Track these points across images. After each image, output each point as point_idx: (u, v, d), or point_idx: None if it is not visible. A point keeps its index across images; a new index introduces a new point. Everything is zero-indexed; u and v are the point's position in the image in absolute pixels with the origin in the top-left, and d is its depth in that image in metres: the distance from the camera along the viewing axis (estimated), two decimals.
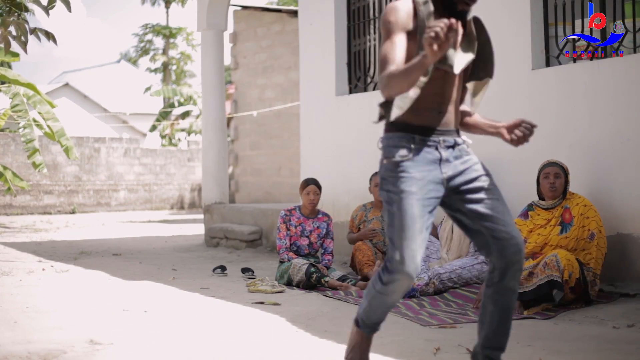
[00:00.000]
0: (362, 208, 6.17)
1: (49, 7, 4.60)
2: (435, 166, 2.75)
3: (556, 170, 4.73)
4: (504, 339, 2.81)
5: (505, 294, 2.75)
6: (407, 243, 2.65)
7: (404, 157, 2.73)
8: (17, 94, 9.88)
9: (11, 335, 3.75)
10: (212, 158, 9.42)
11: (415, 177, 2.71)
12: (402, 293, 2.77)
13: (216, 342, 3.67)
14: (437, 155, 2.76)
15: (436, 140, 2.77)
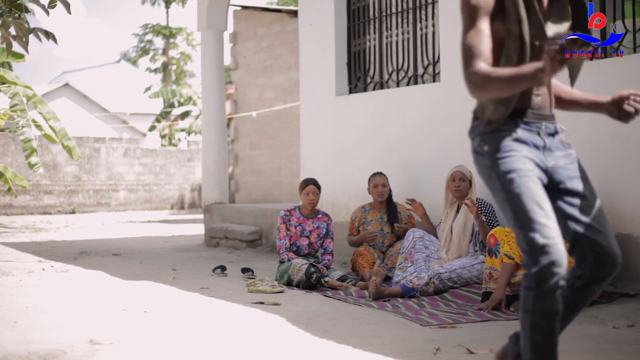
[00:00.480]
0: (361, 210, 6.16)
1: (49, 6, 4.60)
2: (540, 153, 2.44)
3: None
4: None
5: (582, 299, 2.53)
6: (546, 221, 2.27)
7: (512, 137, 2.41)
8: (16, 94, 9.88)
9: (11, 335, 3.75)
10: (212, 158, 9.42)
11: (527, 157, 2.39)
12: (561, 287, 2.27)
13: (216, 342, 3.67)
14: (541, 142, 2.47)
15: (538, 125, 2.48)
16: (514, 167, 2.36)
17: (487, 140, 2.46)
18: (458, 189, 5.34)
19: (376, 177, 6.04)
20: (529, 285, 2.29)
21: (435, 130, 6.27)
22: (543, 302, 2.28)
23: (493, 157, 2.41)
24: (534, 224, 2.26)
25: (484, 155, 2.46)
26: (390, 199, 6.07)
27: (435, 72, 6.51)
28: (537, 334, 2.34)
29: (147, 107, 31.88)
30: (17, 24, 4.61)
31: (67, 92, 29.79)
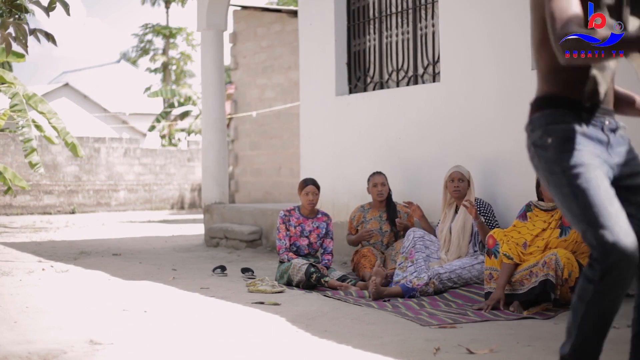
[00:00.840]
0: (360, 209, 6.16)
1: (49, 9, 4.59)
2: (604, 149, 2.34)
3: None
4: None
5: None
6: (614, 218, 2.17)
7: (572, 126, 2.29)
8: (16, 94, 9.88)
9: (11, 336, 3.75)
10: (212, 158, 9.42)
11: (592, 152, 2.29)
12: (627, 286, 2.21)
13: (216, 342, 3.67)
14: (605, 138, 2.36)
15: (602, 120, 2.37)
16: (582, 161, 2.25)
17: (551, 132, 2.32)
18: (457, 189, 5.35)
19: (375, 176, 6.04)
20: (592, 278, 2.20)
21: (435, 130, 6.27)
22: (603, 298, 2.22)
23: (558, 150, 2.28)
24: (605, 220, 2.16)
25: (547, 149, 2.32)
26: (390, 198, 6.07)
27: (435, 72, 6.51)
28: (587, 325, 2.27)
29: (147, 107, 31.87)
30: (17, 25, 4.61)
31: (67, 92, 29.78)
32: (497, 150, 5.72)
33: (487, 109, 5.81)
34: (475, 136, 5.88)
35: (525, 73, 5.51)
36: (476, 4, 5.95)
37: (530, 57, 5.47)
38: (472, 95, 5.95)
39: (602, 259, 2.16)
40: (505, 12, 5.67)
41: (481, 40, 5.89)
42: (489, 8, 5.84)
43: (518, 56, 5.56)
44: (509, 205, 5.43)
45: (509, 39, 5.64)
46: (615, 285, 2.18)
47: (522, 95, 5.57)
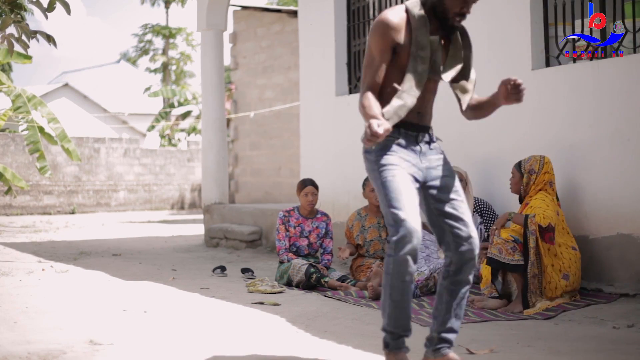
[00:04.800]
0: (357, 217, 5.99)
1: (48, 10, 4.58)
2: (417, 156, 3.06)
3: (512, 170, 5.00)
4: (457, 323, 3.08)
5: (460, 285, 3.04)
6: (407, 203, 2.88)
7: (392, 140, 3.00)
8: (19, 96, 9.87)
9: (11, 336, 3.75)
10: (211, 158, 9.41)
11: (402, 157, 3.01)
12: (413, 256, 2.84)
13: (216, 342, 3.67)
14: (418, 148, 3.08)
15: (415, 135, 3.08)
16: (391, 162, 2.97)
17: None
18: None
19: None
20: (390, 253, 2.86)
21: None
22: (400, 266, 2.85)
23: (377, 155, 3.00)
24: (395, 201, 2.87)
25: (371, 154, 3.03)
26: None
27: None
28: (394, 292, 2.92)
29: (146, 107, 31.87)
30: (19, 26, 4.60)
31: (66, 92, 29.78)
32: (496, 150, 5.72)
33: None
34: (474, 136, 5.88)
35: (525, 73, 5.51)
36: (476, 4, 5.94)
37: (530, 58, 5.47)
38: None
39: (395, 233, 2.84)
40: (505, 12, 5.67)
41: (481, 40, 5.88)
42: (488, 8, 5.83)
43: (518, 56, 5.56)
44: (507, 205, 5.42)
45: (508, 39, 5.64)
46: (405, 254, 2.83)
47: None
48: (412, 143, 3.06)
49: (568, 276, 4.63)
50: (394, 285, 2.90)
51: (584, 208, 5.11)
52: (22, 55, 9.29)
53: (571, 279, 4.65)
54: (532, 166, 4.89)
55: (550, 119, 5.35)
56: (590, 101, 5.10)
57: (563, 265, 4.63)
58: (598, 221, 5.03)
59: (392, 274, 2.88)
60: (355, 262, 5.96)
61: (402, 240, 2.82)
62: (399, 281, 2.89)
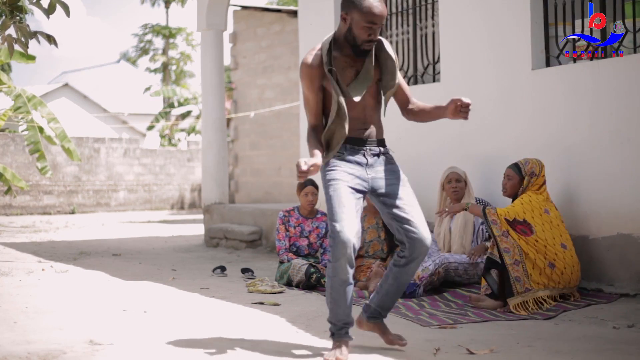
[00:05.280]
0: None
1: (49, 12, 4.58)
2: (362, 168, 3.45)
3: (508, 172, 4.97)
4: (392, 304, 3.59)
5: (406, 274, 3.48)
6: (344, 216, 3.29)
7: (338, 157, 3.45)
8: (19, 96, 9.86)
9: (11, 336, 3.75)
10: (211, 158, 9.41)
11: (346, 171, 3.42)
12: (349, 263, 3.30)
13: (216, 342, 3.67)
14: (364, 160, 3.46)
15: (364, 148, 3.47)
16: (336, 177, 3.41)
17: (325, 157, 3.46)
18: (455, 190, 5.38)
19: None
20: (330, 259, 3.32)
21: (434, 130, 6.26)
22: (338, 271, 3.31)
23: (326, 170, 3.45)
24: (336, 215, 3.30)
25: (323, 169, 3.48)
26: None
27: (435, 72, 6.51)
28: (334, 292, 3.37)
29: (146, 107, 31.87)
30: (20, 27, 4.60)
31: (66, 92, 29.78)
32: (496, 149, 5.72)
33: (486, 108, 5.81)
34: (474, 136, 5.88)
35: (525, 73, 5.51)
36: (476, 4, 5.95)
37: (530, 58, 5.47)
38: (471, 95, 5.94)
39: (332, 243, 3.29)
40: (505, 12, 5.67)
41: (481, 40, 5.89)
42: (488, 8, 5.84)
43: (517, 56, 5.56)
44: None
45: (508, 39, 5.64)
46: (341, 260, 3.28)
47: (522, 95, 5.57)
48: (358, 156, 3.46)
49: (554, 265, 4.56)
50: (334, 286, 3.36)
51: (584, 208, 5.11)
52: (24, 56, 9.29)
53: (559, 270, 4.57)
54: (532, 169, 4.87)
55: (550, 119, 5.35)
56: (590, 101, 5.10)
57: (548, 255, 4.57)
58: (598, 221, 5.03)
59: (332, 277, 3.35)
60: (355, 263, 5.94)
61: (338, 250, 3.27)
62: (337, 283, 3.35)
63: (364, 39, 3.35)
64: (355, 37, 3.36)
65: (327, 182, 3.42)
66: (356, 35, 3.36)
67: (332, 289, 3.38)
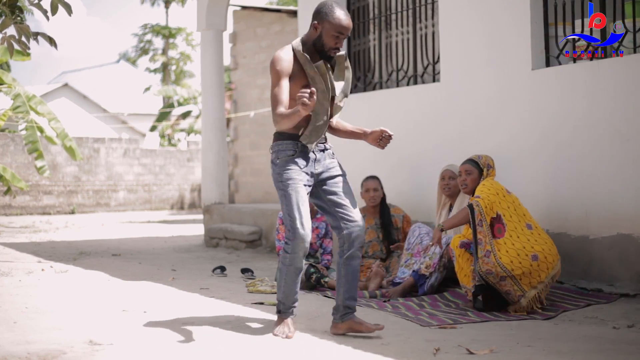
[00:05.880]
0: None
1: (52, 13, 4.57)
2: (311, 163, 3.87)
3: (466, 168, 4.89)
4: (355, 293, 3.89)
5: (355, 259, 3.86)
6: (302, 214, 3.76)
7: (291, 156, 3.82)
8: (18, 95, 9.86)
9: (10, 336, 3.74)
10: (211, 158, 9.41)
11: (300, 169, 3.82)
12: (302, 256, 3.81)
13: (216, 342, 3.67)
14: (313, 156, 3.88)
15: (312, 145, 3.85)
16: (291, 176, 3.80)
17: (279, 155, 3.84)
18: (447, 186, 5.43)
19: (368, 181, 5.88)
20: (288, 250, 3.81)
21: (435, 130, 6.27)
22: (295, 260, 3.81)
23: (280, 168, 3.83)
24: (296, 213, 3.75)
25: (276, 165, 3.85)
26: (384, 203, 5.90)
27: (435, 72, 6.51)
28: (288, 277, 3.87)
29: (146, 108, 31.87)
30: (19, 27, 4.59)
31: (66, 92, 29.78)
32: (496, 149, 5.71)
33: (486, 108, 5.81)
34: (474, 135, 5.88)
35: (525, 73, 5.51)
36: (476, 4, 5.95)
37: (530, 58, 5.47)
38: (471, 95, 5.95)
39: (291, 237, 3.77)
40: (505, 12, 5.67)
41: (481, 40, 5.89)
42: (488, 8, 5.83)
43: (517, 56, 5.56)
44: None
45: (508, 39, 5.64)
46: (297, 252, 3.78)
47: (521, 94, 5.57)
48: (307, 153, 3.87)
49: (537, 256, 4.46)
50: (289, 273, 3.86)
51: (584, 208, 5.11)
52: (20, 53, 9.27)
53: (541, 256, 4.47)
54: (487, 161, 4.87)
55: (549, 119, 5.35)
56: (590, 101, 5.10)
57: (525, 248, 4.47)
58: (598, 221, 5.03)
59: (288, 265, 3.84)
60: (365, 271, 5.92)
61: (297, 244, 3.76)
62: (292, 271, 3.85)
63: (331, 46, 3.81)
64: (324, 44, 3.81)
65: (286, 180, 3.81)
66: (325, 43, 3.80)
67: (287, 275, 3.87)
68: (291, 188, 3.78)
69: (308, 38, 3.86)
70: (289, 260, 3.83)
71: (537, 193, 5.33)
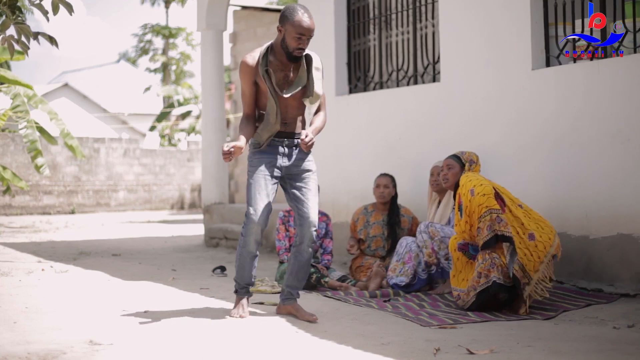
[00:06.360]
0: (364, 211, 6.03)
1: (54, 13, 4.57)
2: (278, 157, 4.25)
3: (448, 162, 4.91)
4: (300, 283, 4.38)
5: (303, 253, 4.30)
6: (257, 201, 4.16)
7: (258, 149, 4.24)
8: (17, 95, 9.85)
9: (10, 336, 3.74)
10: (211, 158, 9.41)
11: (263, 161, 4.22)
12: (256, 240, 4.25)
13: (216, 342, 3.67)
14: (281, 150, 4.25)
15: (281, 140, 4.25)
16: (254, 165, 4.23)
17: (251, 148, 4.27)
18: (436, 182, 5.57)
19: (380, 177, 5.96)
20: (243, 233, 4.25)
21: (435, 130, 6.27)
22: (247, 243, 4.26)
23: (250, 159, 4.27)
24: (252, 200, 4.18)
25: (249, 158, 4.28)
26: (394, 202, 5.96)
27: (435, 72, 6.51)
28: (242, 258, 4.33)
29: (146, 108, 31.86)
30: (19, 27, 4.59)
31: (66, 92, 29.78)
32: (496, 149, 5.71)
33: (486, 108, 5.81)
34: (474, 135, 5.88)
35: (525, 73, 5.51)
36: (476, 4, 5.95)
37: (530, 58, 5.47)
38: (471, 95, 5.95)
39: (247, 221, 4.20)
40: (505, 12, 5.67)
41: (481, 40, 5.89)
42: (488, 9, 5.83)
43: (517, 56, 5.56)
44: None
45: (508, 39, 5.64)
46: (250, 237, 4.24)
47: (521, 94, 5.56)
48: (276, 147, 4.24)
49: (534, 235, 4.44)
50: (243, 255, 4.31)
51: (584, 208, 5.11)
52: (16, 52, 9.25)
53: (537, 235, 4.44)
54: (470, 157, 4.92)
55: (550, 119, 5.35)
56: (590, 101, 5.10)
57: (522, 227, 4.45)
58: (598, 221, 5.03)
59: (242, 247, 4.29)
60: (355, 262, 5.95)
61: (250, 229, 4.19)
62: (245, 253, 4.30)
63: (295, 46, 4.10)
64: (288, 45, 4.11)
65: (250, 170, 4.24)
66: (288, 44, 4.11)
67: (241, 256, 4.32)
68: (252, 177, 4.22)
69: (276, 41, 4.20)
70: (243, 242, 4.28)
71: (536, 193, 5.33)
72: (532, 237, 4.45)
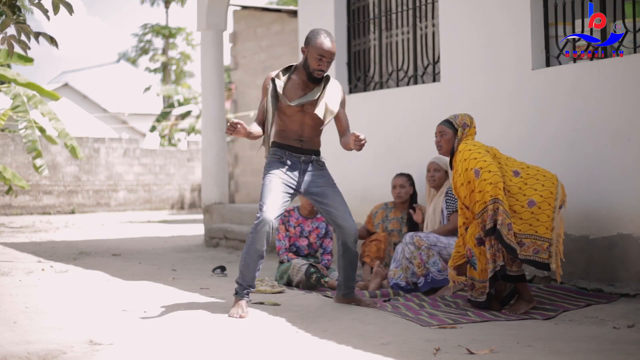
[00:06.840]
0: (384, 207, 6.07)
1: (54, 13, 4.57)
2: (295, 172, 4.52)
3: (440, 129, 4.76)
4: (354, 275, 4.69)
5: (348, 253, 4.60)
6: (269, 201, 4.36)
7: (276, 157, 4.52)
8: (17, 95, 9.85)
9: (10, 336, 3.75)
10: (211, 158, 9.41)
11: (280, 169, 4.48)
12: (264, 238, 4.29)
13: (216, 342, 3.67)
14: (299, 166, 4.53)
15: (298, 156, 4.53)
16: (271, 171, 4.48)
17: (269, 157, 4.57)
18: (432, 178, 5.59)
19: (396, 178, 5.98)
20: (252, 230, 4.33)
21: (434, 129, 6.26)
22: (256, 241, 4.31)
23: (267, 166, 4.54)
24: (265, 199, 4.39)
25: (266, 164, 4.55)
26: (414, 201, 5.97)
27: (435, 72, 6.51)
28: (248, 257, 4.35)
29: (146, 108, 31.86)
30: (20, 27, 4.59)
31: (66, 92, 29.77)
32: (498, 148, 5.71)
33: (486, 108, 5.81)
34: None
35: (525, 73, 5.51)
36: (476, 4, 5.95)
37: (530, 58, 5.47)
38: (472, 95, 5.95)
39: (256, 218, 4.32)
40: (505, 12, 5.67)
41: (481, 40, 5.89)
42: (488, 9, 5.83)
43: (518, 56, 5.56)
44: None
45: (508, 39, 5.64)
46: (260, 233, 4.29)
47: (522, 95, 5.57)
48: (295, 162, 4.51)
49: (534, 201, 4.40)
50: (250, 253, 4.33)
51: (584, 208, 5.11)
52: (23, 58, 9.27)
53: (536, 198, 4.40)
54: (464, 120, 4.72)
55: (550, 119, 5.35)
56: (590, 101, 5.10)
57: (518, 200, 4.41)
58: (598, 221, 5.03)
59: (249, 245, 4.33)
60: (365, 241, 5.98)
61: (260, 225, 4.28)
62: (253, 251, 4.32)
63: (315, 67, 4.38)
64: (309, 65, 4.40)
65: (265, 174, 4.47)
66: (309, 64, 4.39)
67: (247, 254, 4.33)
68: (267, 179, 4.44)
69: (301, 61, 4.47)
70: (251, 239, 4.31)
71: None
72: (532, 204, 4.40)
